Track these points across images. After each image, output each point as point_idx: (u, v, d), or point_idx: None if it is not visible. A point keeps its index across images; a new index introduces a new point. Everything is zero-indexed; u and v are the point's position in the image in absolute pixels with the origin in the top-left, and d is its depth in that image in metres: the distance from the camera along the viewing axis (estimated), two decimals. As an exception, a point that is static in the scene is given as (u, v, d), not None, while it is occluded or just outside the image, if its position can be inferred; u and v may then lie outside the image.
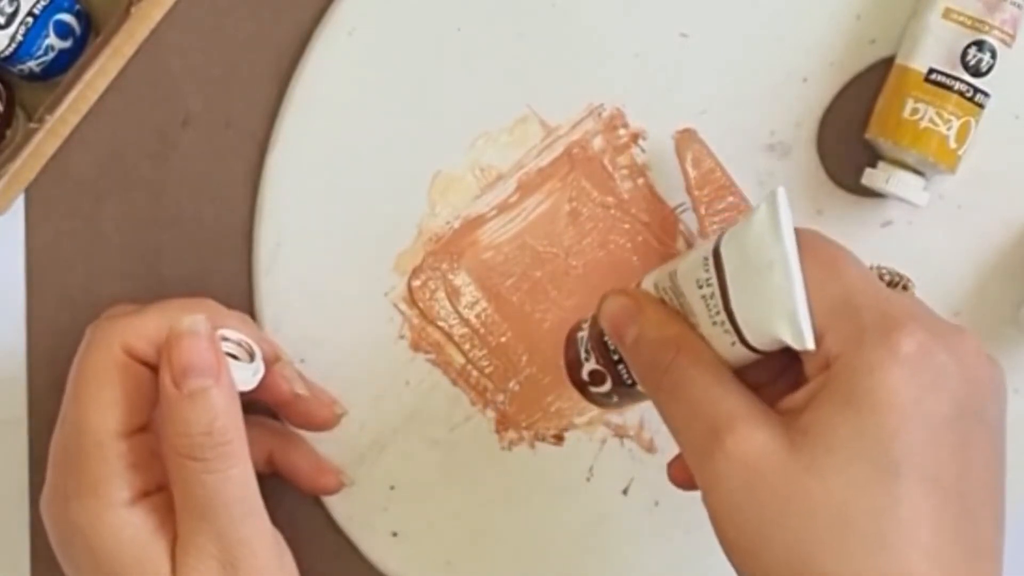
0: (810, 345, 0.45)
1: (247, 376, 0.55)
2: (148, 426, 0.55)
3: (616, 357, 0.52)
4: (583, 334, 0.53)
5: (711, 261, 0.47)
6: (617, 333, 0.50)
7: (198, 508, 0.53)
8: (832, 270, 0.46)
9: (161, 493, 0.55)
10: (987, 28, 0.59)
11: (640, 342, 0.49)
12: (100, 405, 0.54)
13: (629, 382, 0.52)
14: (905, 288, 0.61)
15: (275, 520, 0.56)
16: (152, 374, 0.55)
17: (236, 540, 0.53)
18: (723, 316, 0.47)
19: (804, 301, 0.45)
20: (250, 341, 0.56)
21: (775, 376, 0.48)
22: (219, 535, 0.53)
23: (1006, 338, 0.63)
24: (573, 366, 0.54)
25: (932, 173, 0.61)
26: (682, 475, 0.51)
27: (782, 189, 0.46)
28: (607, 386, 0.53)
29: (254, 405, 0.60)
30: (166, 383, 0.53)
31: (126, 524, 0.53)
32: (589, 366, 0.53)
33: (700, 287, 0.48)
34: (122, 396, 0.54)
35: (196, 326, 0.53)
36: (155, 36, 0.62)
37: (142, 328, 0.55)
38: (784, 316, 0.45)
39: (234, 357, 0.55)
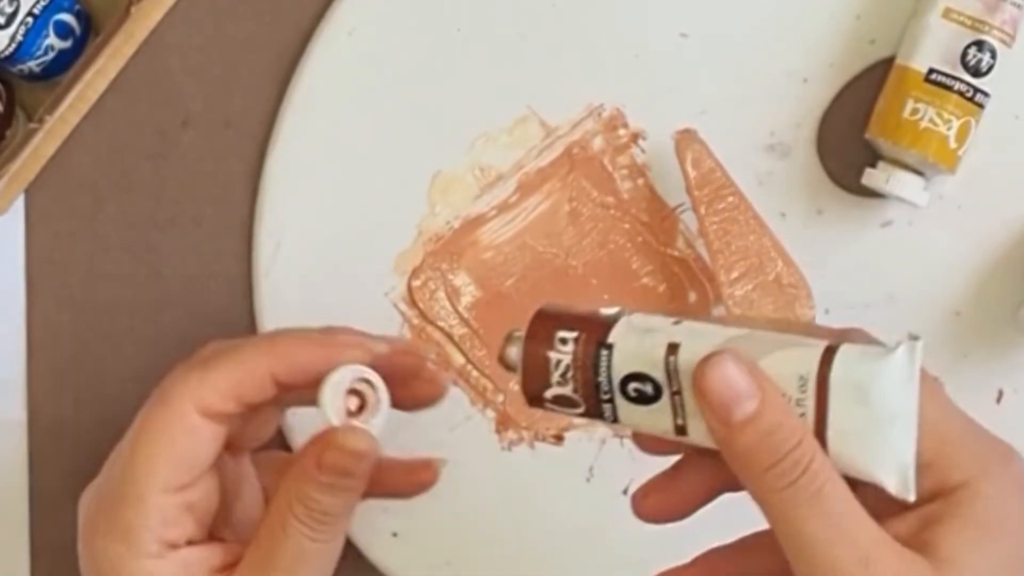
0: (912, 498, 0.44)
1: (380, 423, 0.51)
2: (193, 481, 0.53)
3: (607, 397, 0.47)
4: (559, 358, 0.47)
5: (813, 386, 0.44)
6: (723, 409, 0.45)
7: (282, 565, 0.51)
8: (934, 399, 0.46)
9: (190, 548, 0.53)
10: (987, 28, 0.59)
11: (761, 426, 0.44)
12: (153, 462, 0.52)
13: (610, 419, 0.47)
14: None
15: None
16: (221, 430, 0.52)
17: None
18: None
19: (914, 455, 0.44)
20: (373, 376, 0.51)
21: None
22: None
23: (1006, 338, 0.63)
24: (534, 380, 0.48)
25: (932, 173, 0.61)
26: (653, 445, 0.50)
27: (922, 343, 0.44)
28: (572, 411, 0.48)
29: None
30: (310, 466, 0.50)
31: (151, 572, 0.53)
32: (560, 391, 0.47)
33: (788, 401, 0.44)
34: (178, 457, 0.52)
35: (370, 449, 0.50)
36: (155, 36, 0.62)
37: (216, 383, 0.52)
38: (894, 468, 0.44)
39: (360, 402, 0.51)
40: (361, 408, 0.50)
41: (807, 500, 0.44)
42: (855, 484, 0.46)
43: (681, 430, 0.46)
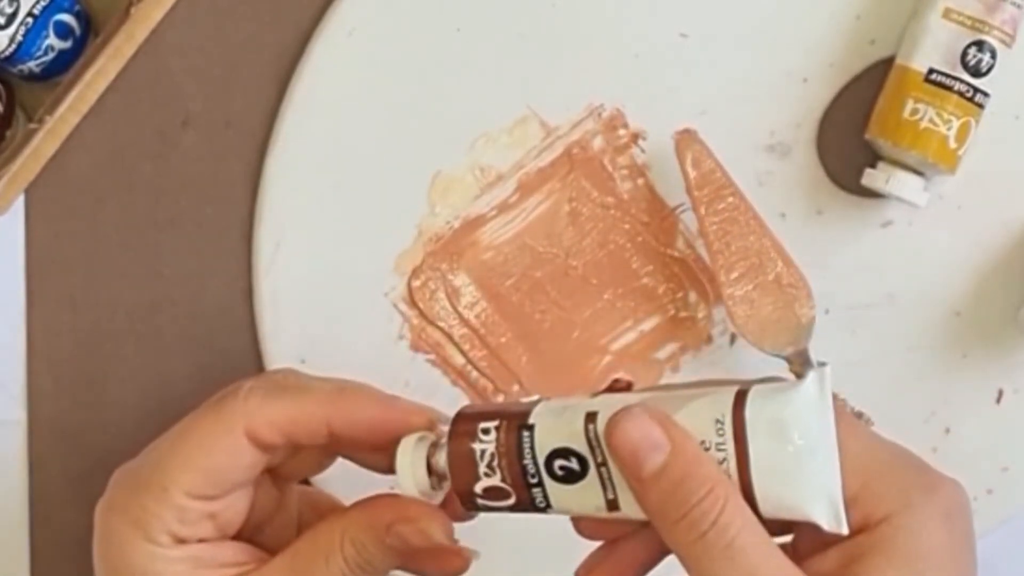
0: (845, 531, 0.44)
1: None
2: (221, 495, 0.53)
3: (535, 480, 0.46)
4: (483, 447, 0.47)
5: (729, 428, 0.44)
6: (633, 462, 0.44)
7: None
8: (854, 433, 0.46)
9: (200, 544, 0.53)
10: (987, 28, 0.59)
11: (670, 478, 0.44)
12: (187, 465, 0.52)
13: (543, 505, 0.47)
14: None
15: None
16: (263, 457, 0.52)
17: None
18: (736, 484, 0.44)
19: (840, 485, 0.44)
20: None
21: None
22: None
23: (1006, 338, 0.63)
24: (463, 475, 0.47)
25: (932, 173, 0.61)
26: (593, 529, 0.50)
27: (829, 368, 0.44)
28: (506, 503, 0.47)
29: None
30: (379, 530, 0.50)
31: (157, 558, 0.52)
32: (489, 482, 0.47)
33: (707, 449, 0.44)
34: (212, 469, 0.52)
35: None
36: (155, 36, 0.62)
37: (272, 414, 0.52)
38: (822, 501, 0.44)
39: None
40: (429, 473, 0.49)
41: (720, 552, 0.44)
42: (788, 525, 0.46)
43: (613, 505, 0.46)
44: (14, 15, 0.60)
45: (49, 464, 0.65)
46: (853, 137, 0.62)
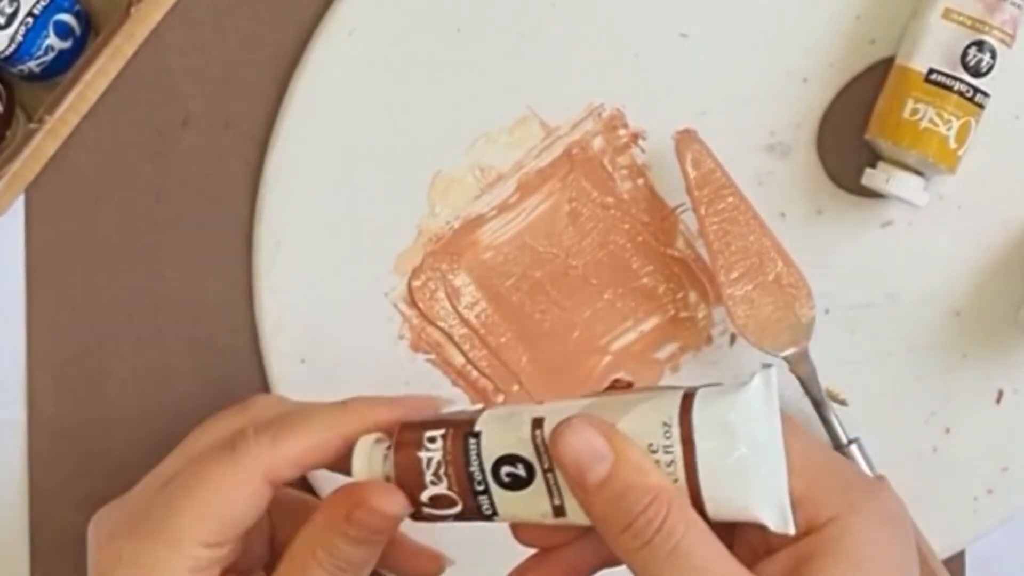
0: (792, 531, 0.44)
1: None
2: (227, 543, 0.52)
3: (481, 488, 0.46)
4: (430, 456, 0.47)
5: (676, 430, 0.44)
6: (578, 472, 0.45)
7: None
8: (797, 435, 0.46)
9: None
10: (987, 28, 0.59)
11: (614, 488, 0.44)
12: (203, 514, 0.51)
13: (489, 513, 0.47)
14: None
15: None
16: (269, 494, 0.52)
17: None
18: (682, 487, 0.44)
19: (787, 487, 0.44)
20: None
21: None
22: None
23: (1006, 338, 0.63)
24: (408, 484, 0.47)
25: (932, 173, 0.61)
26: (533, 536, 0.50)
27: (774, 369, 0.45)
28: (452, 511, 0.47)
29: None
30: (338, 516, 0.50)
31: None
32: (436, 490, 0.47)
33: (654, 451, 0.44)
34: (230, 516, 0.51)
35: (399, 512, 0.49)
36: (155, 36, 0.62)
37: (289, 452, 0.51)
38: (769, 502, 0.44)
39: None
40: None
41: (665, 558, 0.44)
42: (734, 528, 0.46)
43: (559, 511, 0.46)
44: (14, 15, 0.60)
45: (49, 464, 0.65)
46: (853, 137, 0.62)
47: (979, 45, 0.59)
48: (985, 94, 0.60)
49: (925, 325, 0.63)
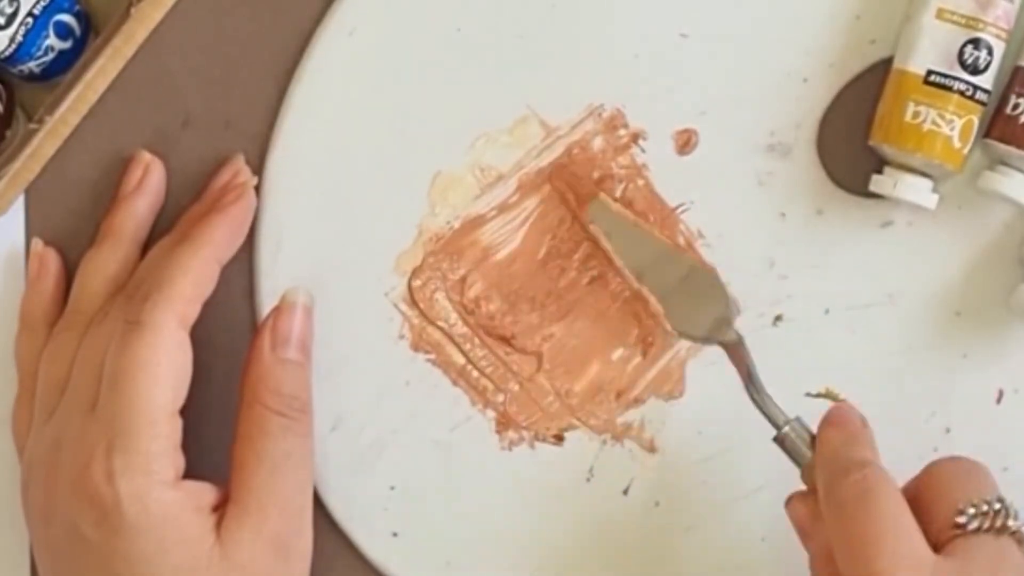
0: None
1: None
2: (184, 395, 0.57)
3: None
4: None
5: None
6: None
7: (269, 466, 0.55)
8: None
9: (188, 480, 0.56)
10: (981, 25, 0.59)
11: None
12: (159, 386, 0.55)
13: None
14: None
15: (275, 520, 0.56)
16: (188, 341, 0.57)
17: (296, 510, 0.56)
18: None
19: None
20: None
21: None
22: (281, 508, 0.56)
23: (1006, 338, 0.63)
24: None
25: (939, 174, 0.61)
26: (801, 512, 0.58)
27: None
28: None
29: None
30: (264, 346, 0.58)
31: (173, 501, 0.54)
32: None
33: None
34: (176, 374, 0.56)
35: (306, 302, 0.60)
36: (155, 36, 0.62)
37: (184, 293, 0.57)
38: None
39: None
40: None
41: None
42: None
43: None
44: (14, 15, 0.60)
45: (49, 464, 0.65)
46: (853, 137, 0.62)
47: (975, 43, 0.59)
48: (986, 91, 0.60)
49: (925, 325, 0.63)
